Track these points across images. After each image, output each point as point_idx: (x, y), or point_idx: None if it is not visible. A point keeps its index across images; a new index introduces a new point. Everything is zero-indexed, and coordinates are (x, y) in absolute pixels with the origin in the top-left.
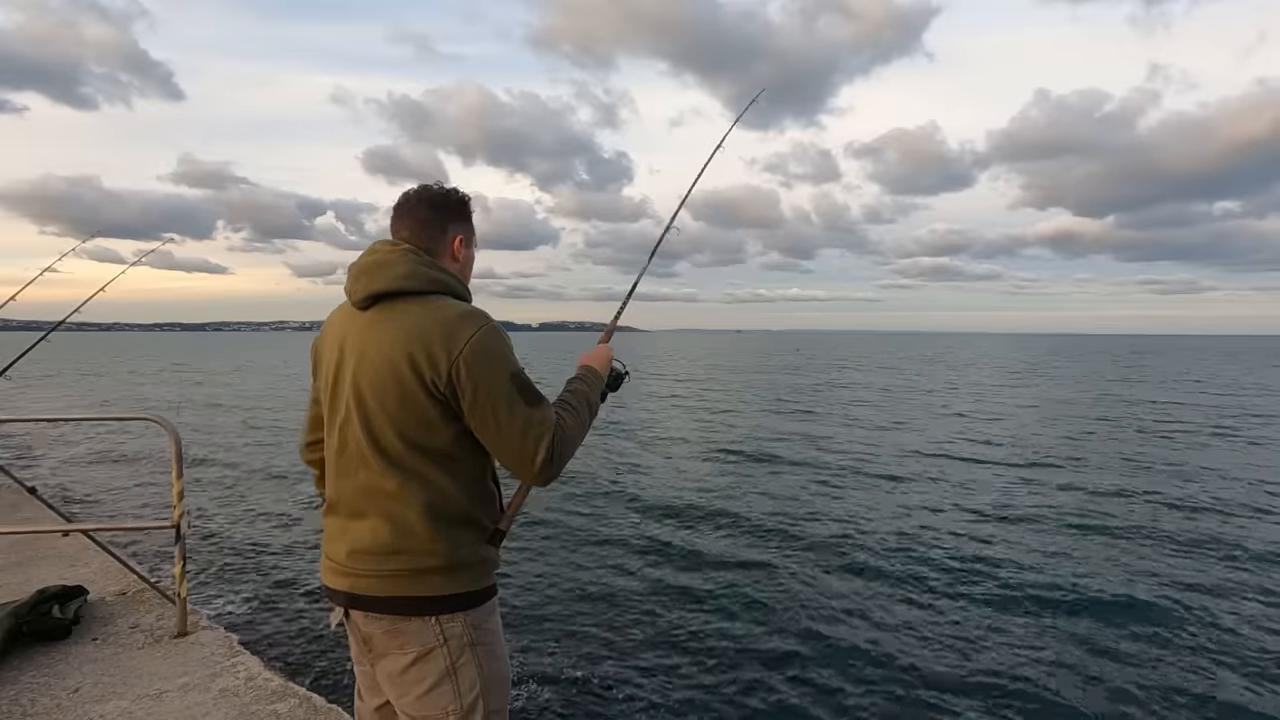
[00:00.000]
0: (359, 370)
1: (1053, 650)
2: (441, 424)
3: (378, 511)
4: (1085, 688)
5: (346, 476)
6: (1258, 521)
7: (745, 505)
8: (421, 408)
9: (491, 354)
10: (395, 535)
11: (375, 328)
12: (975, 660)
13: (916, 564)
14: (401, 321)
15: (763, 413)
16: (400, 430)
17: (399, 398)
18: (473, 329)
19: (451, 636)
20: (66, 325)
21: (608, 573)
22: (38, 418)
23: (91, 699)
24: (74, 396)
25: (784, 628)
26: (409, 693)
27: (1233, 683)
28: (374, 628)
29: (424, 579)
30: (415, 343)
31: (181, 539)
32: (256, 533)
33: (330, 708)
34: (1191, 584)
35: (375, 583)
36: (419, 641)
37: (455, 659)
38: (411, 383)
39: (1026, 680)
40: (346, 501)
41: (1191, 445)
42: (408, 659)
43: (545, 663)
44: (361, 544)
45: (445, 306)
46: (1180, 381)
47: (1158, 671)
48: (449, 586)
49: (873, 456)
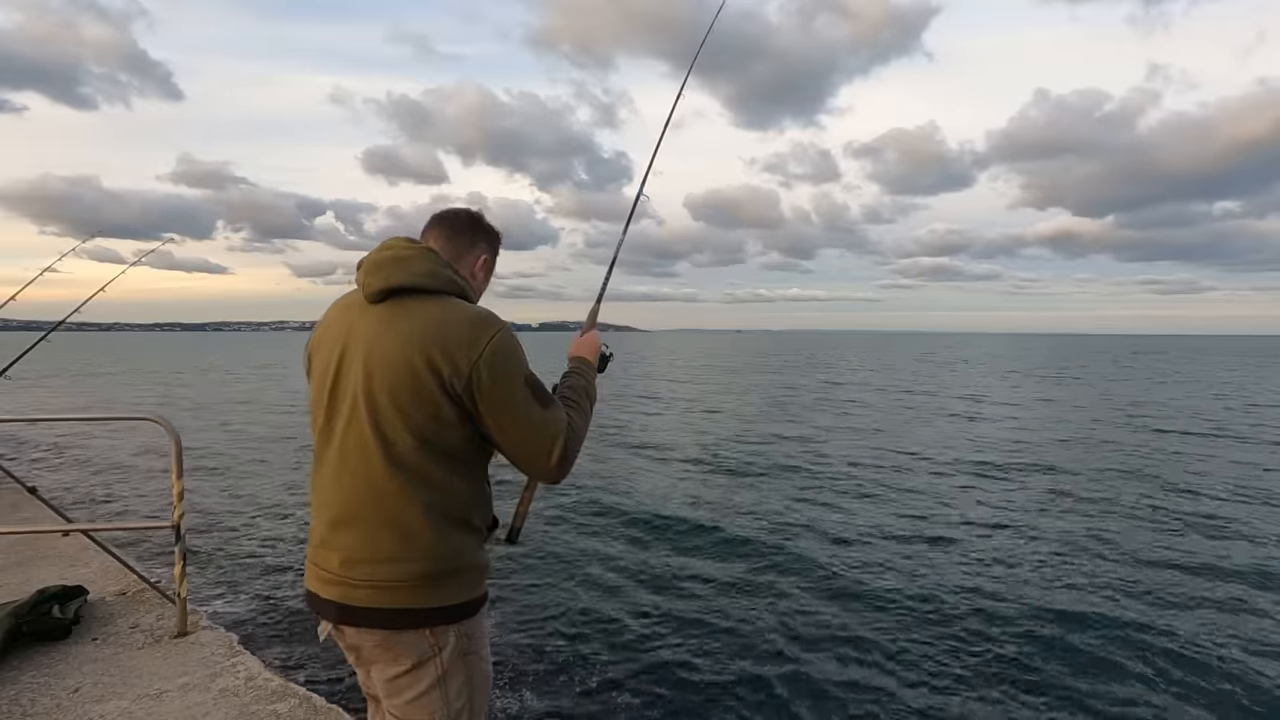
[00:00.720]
0: (369, 366)
1: (1050, 652)
2: (455, 423)
3: (378, 515)
4: (1086, 691)
5: (345, 477)
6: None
7: (740, 507)
8: (435, 406)
9: (509, 357)
10: (395, 540)
11: (389, 324)
12: (973, 664)
13: (913, 569)
14: (418, 318)
15: (760, 414)
16: (411, 428)
17: (413, 395)
18: (492, 331)
19: (444, 647)
20: (66, 325)
21: (601, 572)
22: (38, 418)
23: (91, 699)
24: (74, 397)
25: (777, 628)
26: (398, 697)
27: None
28: (365, 640)
29: (421, 589)
30: (433, 342)
31: (181, 539)
32: (257, 533)
33: (330, 708)
34: (1194, 591)
35: (370, 594)
36: (413, 654)
37: (446, 669)
38: (428, 380)
39: (1026, 682)
40: (342, 505)
41: (1199, 446)
42: (400, 669)
43: (538, 667)
44: (357, 552)
45: (462, 307)
46: (1192, 381)
47: (1155, 673)
48: (446, 597)
49: (869, 459)
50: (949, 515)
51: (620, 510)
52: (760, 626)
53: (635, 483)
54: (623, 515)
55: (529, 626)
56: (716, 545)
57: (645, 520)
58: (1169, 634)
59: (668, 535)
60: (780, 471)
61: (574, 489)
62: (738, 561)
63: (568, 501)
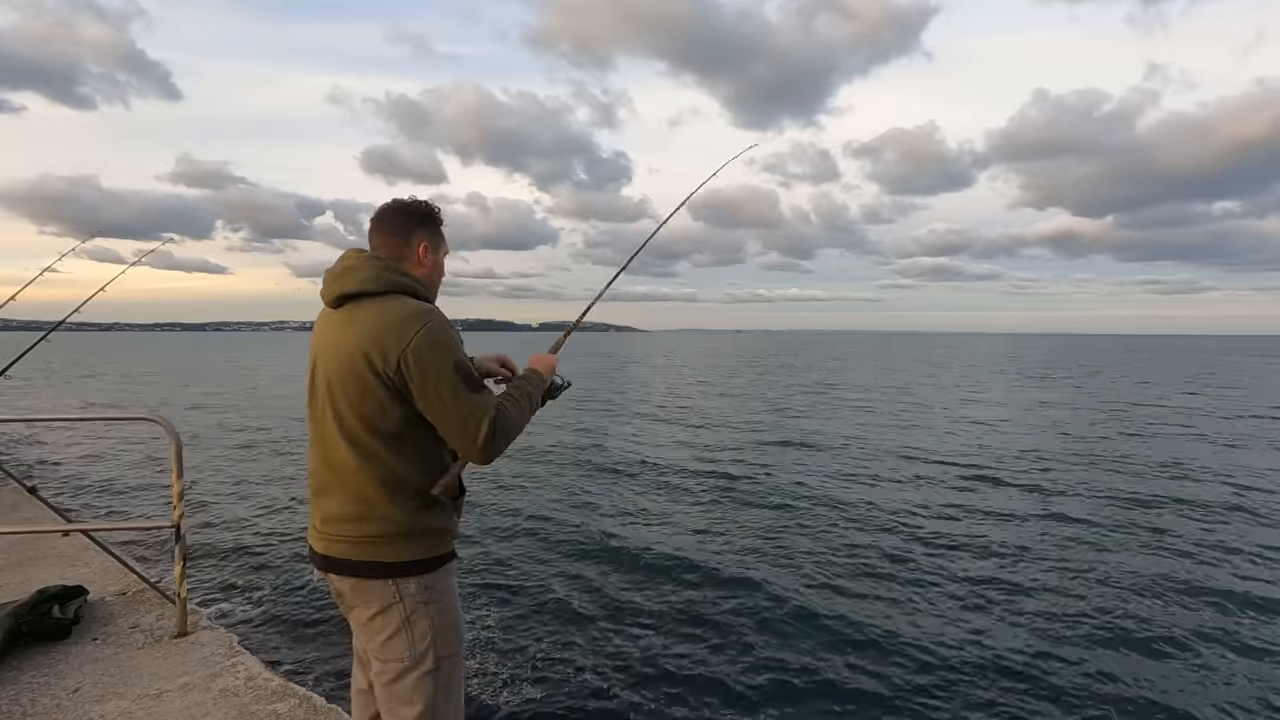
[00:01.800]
0: (329, 363)
1: (1046, 655)
2: (394, 408)
3: (344, 485)
4: (1086, 693)
5: (320, 454)
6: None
7: (738, 508)
8: (377, 395)
9: (436, 346)
10: (358, 506)
11: (341, 326)
12: (970, 666)
13: (911, 569)
14: (362, 319)
15: (757, 416)
16: (359, 414)
17: (358, 386)
18: (419, 325)
19: (406, 596)
20: (66, 325)
21: (598, 572)
22: (38, 418)
23: (91, 699)
24: (74, 396)
25: (770, 629)
26: (373, 640)
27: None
28: (344, 585)
29: (383, 545)
30: (370, 338)
31: (181, 539)
32: (257, 532)
33: (330, 708)
34: (1198, 587)
35: (344, 547)
36: (379, 599)
37: (409, 614)
38: (366, 373)
39: (1025, 686)
40: (320, 476)
41: (1207, 445)
42: (371, 612)
43: (533, 660)
44: (332, 513)
45: (400, 305)
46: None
47: (1160, 673)
48: (405, 554)
49: (869, 460)
50: (950, 514)
51: (603, 515)
52: (752, 628)
53: (614, 490)
54: (607, 519)
55: (523, 626)
56: (715, 544)
57: (630, 523)
58: (1158, 627)
59: (660, 538)
60: (778, 472)
61: (563, 494)
62: (733, 560)
63: (558, 506)
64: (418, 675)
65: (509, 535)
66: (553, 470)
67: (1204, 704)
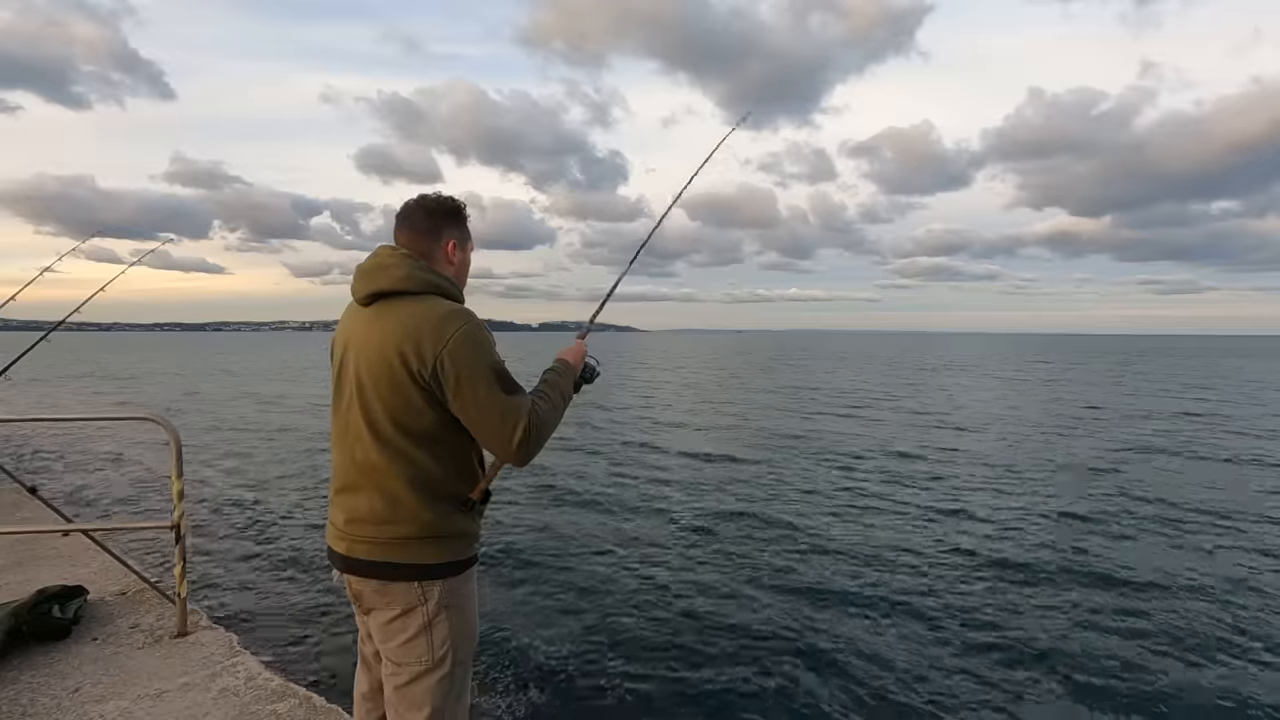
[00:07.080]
0: (359, 360)
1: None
2: (426, 409)
3: (371, 485)
4: (1085, 692)
5: (346, 453)
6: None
7: (738, 507)
8: (409, 394)
9: (472, 347)
10: (386, 506)
11: (374, 323)
12: (968, 669)
13: (911, 571)
14: (396, 318)
15: (764, 414)
16: (391, 414)
17: (390, 385)
18: (456, 325)
19: (430, 599)
20: (66, 325)
21: (600, 571)
22: (38, 418)
23: (91, 699)
24: (74, 396)
25: (776, 626)
26: (391, 640)
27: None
28: (364, 587)
29: (410, 547)
30: (406, 338)
31: (181, 539)
32: (257, 532)
33: (330, 708)
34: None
35: (369, 548)
36: (403, 601)
37: (432, 618)
38: (401, 372)
39: (1026, 688)
40: (346, 475)
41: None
42: (392, 614)
43: (535, 658)
44: (357, 513)
45: (435, 305)
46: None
47: (1158, 673)
48: (432, 557)
49: (869, 460)
50: (949, 515)
51: (615, 507)
52: (758, 626)
53: (629, 482)
54: (617, 512)
55: (527, 625)
56: (714, 546)
57: (637, 516)
58: (1154, 627)
59: (662, 534)
60: (785, 471)
61: (563, 494)
62: (738, 560)
63: (569, 500)
64: (433, 679)
65: (508, 535)
66: (554, 469)
67: (1204, 704)
